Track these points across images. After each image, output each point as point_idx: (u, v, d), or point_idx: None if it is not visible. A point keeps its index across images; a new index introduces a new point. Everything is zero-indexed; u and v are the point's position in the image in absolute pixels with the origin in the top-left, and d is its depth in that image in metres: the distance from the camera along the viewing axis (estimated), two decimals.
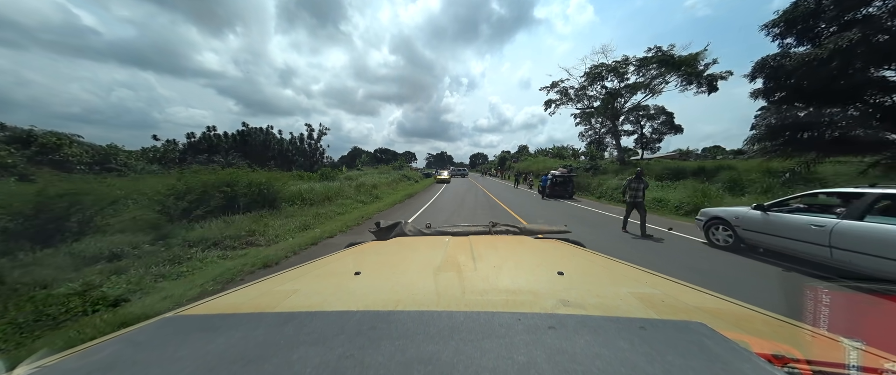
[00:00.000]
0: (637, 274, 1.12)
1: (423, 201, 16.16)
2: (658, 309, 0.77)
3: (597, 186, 18.13)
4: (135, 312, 3.46)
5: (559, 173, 17.67)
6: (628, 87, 24.53)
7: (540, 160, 45.19)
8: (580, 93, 27.24)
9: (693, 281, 1.07)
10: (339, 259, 1.41)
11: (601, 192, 17.31)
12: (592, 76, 25.44)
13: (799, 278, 4.27)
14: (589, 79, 25.85)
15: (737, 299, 0.88)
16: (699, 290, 0.96)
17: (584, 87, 26.82)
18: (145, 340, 0.60)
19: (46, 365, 0.56)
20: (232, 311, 0.81)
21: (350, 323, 0.61)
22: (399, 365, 0.47)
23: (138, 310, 3.51)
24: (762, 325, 0.75)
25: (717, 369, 0.47)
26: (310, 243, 6.77)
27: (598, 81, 25.68)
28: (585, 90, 26.93)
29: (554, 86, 28.24)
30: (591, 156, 37.89)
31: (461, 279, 0.98)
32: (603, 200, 16.13)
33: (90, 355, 0.55)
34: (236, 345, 0.55)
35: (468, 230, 2.02)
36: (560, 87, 27.79)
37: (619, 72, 24.51)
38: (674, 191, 13.22)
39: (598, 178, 19.24)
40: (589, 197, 17.14)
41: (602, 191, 17.29)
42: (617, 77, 24.82)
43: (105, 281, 4.32)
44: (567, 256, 1.35)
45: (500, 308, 0.74)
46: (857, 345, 0.63)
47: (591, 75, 25.44)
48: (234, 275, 4.68)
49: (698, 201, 10.58)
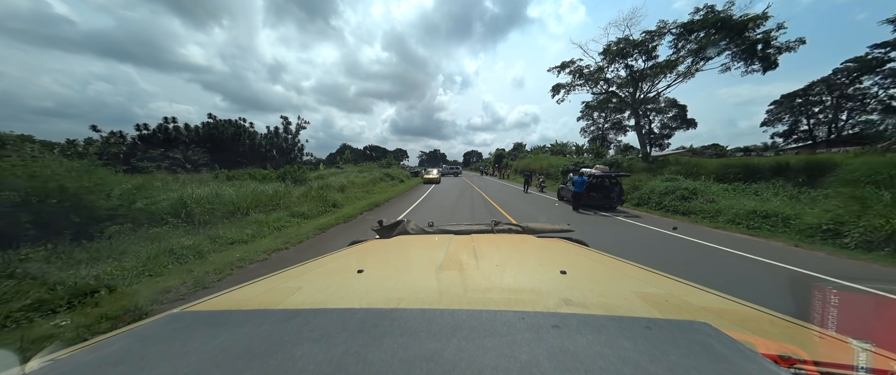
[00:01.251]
0: (641, 273, 1.12)
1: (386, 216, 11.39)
2: (662, 309, 0.76)
3: (631, 190, 13.45)
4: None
5: (597, 172, 12.43)
6: (657, 68, 19.90)
7: (541, 157, 40.31)
8: (596, 74, 22.51)
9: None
10: (342, 257, 1.41)
11: (641, 198, 12.69)
12: (613, 54, 20.76)
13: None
14: (609, 57, 21.18)
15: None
16: (704, 290, 0.96)
17: (601, 69, 22.16)
18: (153, 335, 0.60)
19: (58, 359, 0.57)
20: (237, 307, 0.80)
21: (353, 321, 0.61)
22: (401, 363, 0.47)
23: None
24: (768, 325, 0.75)
25: (722, 369, 0.47)
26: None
27: (619, 60, 21.01)
28: (603, 71, 22.25)
29: (564, 66, 23.55)
30: (596, 153, 33.42)
31: (463, 277, 0.97)
32: (649, 210, 11.50)
33: (100, 349, 0.56)
34: (241, 341, 0.56)
35: (470, 228, 2.03)
36: (574, 67, 23.06)
37: (647, 49, 19.89)
38: (808, 204, 8.55)
39: (634, 178, 14.53)
40: (625, 206, 12.42)
41: (642, 198, 12.67)
42: (644, 53, 20.20)
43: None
44: (570, 255, 1.35)
45: (503, 306, 0.73)
46: (867, 347, 0.61)
47: (612, 52, 20.76)
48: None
49: (873, 220, 5.96)
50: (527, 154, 52.17)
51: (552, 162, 32.29)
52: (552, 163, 31.39)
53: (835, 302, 0.80)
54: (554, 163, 31.09)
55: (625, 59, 20.85)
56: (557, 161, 32.02)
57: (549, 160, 34.38)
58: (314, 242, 6.94)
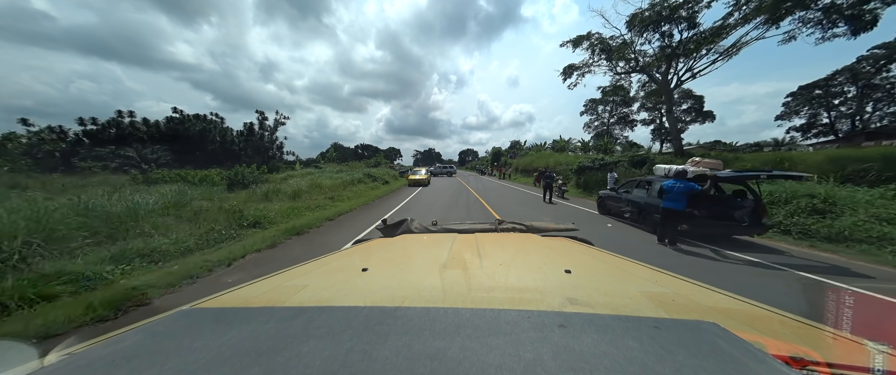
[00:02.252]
0: (647, 273, 1.11)
1: (311, 250, 7.11)
2: (668, 309, 0.75)
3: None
4: None
5: (712, 171, 6.54)
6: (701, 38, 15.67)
7: (545, 154, 35.91)
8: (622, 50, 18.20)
9: None
10: (346, 255, 1.42)
11: None
12: (645, 22, 16.49)
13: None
14: (638, 27, 16.90)
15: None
16: (712, 290, 0.94)
17: (626, 44, 17.91)
18: (164, 331, 0.61)
19: (75, 353, 0.58)
20: (244, 305, 0.81)
21: (358, 319, 0.61)
22: (405, 360, 0.47)
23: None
24: (779, 326, 0.74)
25: (731, 370, 0.46)
26: None
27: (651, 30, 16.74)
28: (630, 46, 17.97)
29: (579, 42, 19.28)
30: (605, 149, 29.20)
31: (467, 276, 0.96)
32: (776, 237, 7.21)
33: (114, 344, 0.57)
34: (248, 338, 0.56)
35: (474, 227, 2.01)
36: (594, 39, 18.75)
37: (690, 13, 15.66)
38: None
39: None
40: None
41: None
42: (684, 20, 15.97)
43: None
44: (575, 254, 1.34)
45: (507, 305, 0.73)
46: (884, 349, 0.59)
47: (644, 21, 16.50)
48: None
49: None
50: (530, 151, 47.62)
51: (560, 159, 27.89)
52: (560, 160, 26.99)
53: (849, 303, 0.79)
54: (559, 161, 26.67)
55: (659, 28, 16.58)
56: (565, 158, 27.65)
57: (554, 157, 29.96)
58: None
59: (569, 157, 27.94)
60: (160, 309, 3.64)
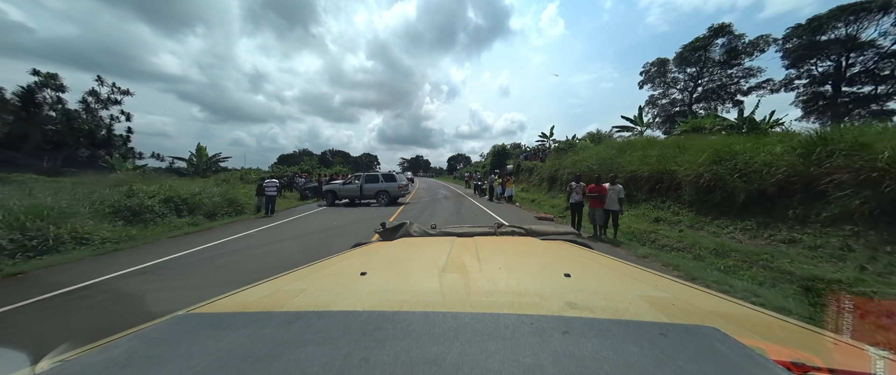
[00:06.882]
0: (647, 276, 1.09)
1: None
2: (669, 313, 0.74)
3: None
4: None
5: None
6: None
7: (590, 150, 16.76)
8: None
9: None
10: (345, 259, 1.39)
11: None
12: None
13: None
14: None
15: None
16: (712, 294, 0.94)
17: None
18: (159, 337, 0.60)
19: (68, 360, 0.57)
20: (241, 310, 0.80)
21: (356, 323, 0.61)
22: (404, 366, 0.47)
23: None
24: (780, 331, 0.74)
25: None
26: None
27: None
28: None
29: None
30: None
31: (466, 280, 0.95)
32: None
33: (108, 350, 0.56)
34: (245, 343, 0.56)
35: (473, 231, 2.00)
36: None
37: None
38: None
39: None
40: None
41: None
42: None
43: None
44: (574, 258, 1.34)
45: (506, 309, 0.72)
46: (885, 354, 0.59)
47: None
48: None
49: None
50: (572, 145, 21.48)
51: (601, 156, 13.57)
52: (606, 159, 12.92)
53: (849, 308, 0.77)
54: (613, 160, 12.50)
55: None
56: (611, 156, 13.02)
57: (595, 153, 14.76)
58: None
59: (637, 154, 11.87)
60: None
